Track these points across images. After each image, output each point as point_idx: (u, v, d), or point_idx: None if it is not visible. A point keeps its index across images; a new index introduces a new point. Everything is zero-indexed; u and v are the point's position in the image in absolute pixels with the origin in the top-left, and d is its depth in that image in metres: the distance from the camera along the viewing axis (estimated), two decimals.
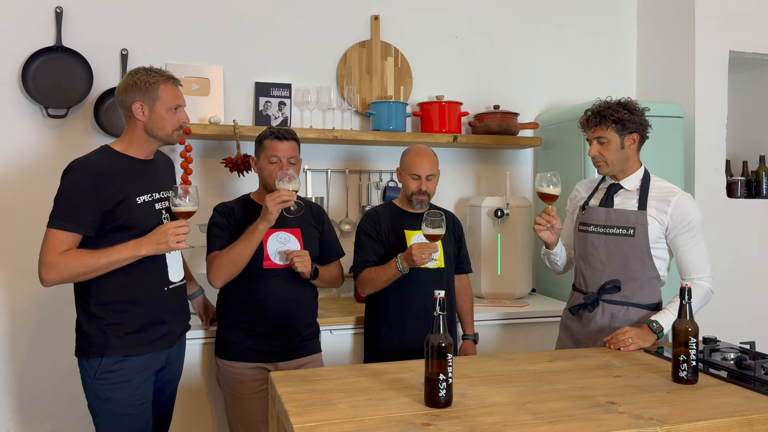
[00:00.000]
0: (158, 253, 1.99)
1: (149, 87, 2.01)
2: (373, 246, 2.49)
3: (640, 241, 2.18)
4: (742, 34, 3.36)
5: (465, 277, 2.71)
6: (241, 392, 2.34)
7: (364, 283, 2.46)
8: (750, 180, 3.58)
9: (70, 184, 1.95)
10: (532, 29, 3.60)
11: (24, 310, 2.86)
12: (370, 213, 2.57)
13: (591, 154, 2.22)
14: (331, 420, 1.47)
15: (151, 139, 2.07)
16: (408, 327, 2.45)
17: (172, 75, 2.09)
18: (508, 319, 2.93)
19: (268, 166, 2.34)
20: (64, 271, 1.90)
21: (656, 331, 2.10)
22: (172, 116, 2.06)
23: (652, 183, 2.24)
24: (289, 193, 2.19)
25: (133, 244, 1.95)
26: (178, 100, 2.08)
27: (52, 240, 1.91)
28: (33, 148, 2.87)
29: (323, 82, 3.25)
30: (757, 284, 3.37)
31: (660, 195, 2.20)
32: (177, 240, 1.96)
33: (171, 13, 3.05)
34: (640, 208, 2.19)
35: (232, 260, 2.26)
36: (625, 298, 2.23)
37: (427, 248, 2.26)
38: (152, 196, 2.07)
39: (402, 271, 2.35)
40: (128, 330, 2.00)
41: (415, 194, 2.48)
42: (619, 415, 1.51)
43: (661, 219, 2.18)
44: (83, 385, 2.03)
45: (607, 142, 2.19)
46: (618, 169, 2.24)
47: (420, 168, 2.47)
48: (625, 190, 2.26)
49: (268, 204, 2.18)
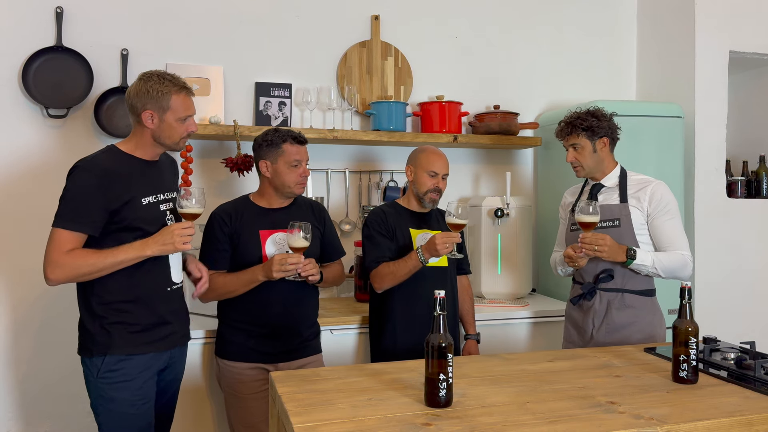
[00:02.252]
0: (164, 253, 1.99)
1: (161, 96, 2.01)
2: (386, 243, 2.49)
3: (626, 230, 2.35)
4: (742, 34, 3.36)
5: (465, 278, 2.72)
6: (242, 392, 2.35)
7: (381, 277, 2.44)
8: (750, 180, 3.58)
9: (77, 183, 1.95)
10: (533, 29, 3.60)
11: (26, 311, 2.86)
12: (376, 211, 2.57)
13: (568, 160, 2.44)
14: (331, 420, 1.47)
15: (158, 144, 2.08)
16: (415, 326, 2.45)
17: (185, 84, 2.07)
18: (508, 319, 2.93)
19: (288, 169, 2.34)
20: (69, 270, 1.91)
21: (629, 255, 2.25)
22: (180, 126, 2.05)
23: (629, 177, 2.44)
24: (296, 260, 2.18)
25: (139, 244, 1.96)
26: (189, 111, 2.07)
27: (58, 239, 1.91)
28: (33, 149, 2.87)
29: (323, 82, 3.25)
30: (757, 284, 3.37)
31: (637, 186, 2.41)
32: (183, 241, 1.97)
33: (171, 13, 3.05)
34: (622, 201, 2.39)
35: (223, 292, 2.32)
36: (619, 285, 2.36)
37: (450, 237, 2.30)
38: (157, 197, 2.07)
39: (423, 262, 2.37)
40: (131, 329, 2.00)
41: (431, 191, 2.50)
42: (619, 415, 1.51)
43: (641, 207, 2.37)
44: (86, 383, 2.03)
45: (581, 148, 2.40)
46: (595, 170, 2.43)
47: (438, 166, 2.50)
48: (606, 187, 2.44)
49: (273, 270, 2.18)
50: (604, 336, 2.36)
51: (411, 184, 2.56)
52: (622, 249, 2.26)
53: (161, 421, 2.20)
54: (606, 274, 2.36)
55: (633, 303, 2.36)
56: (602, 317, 2.37)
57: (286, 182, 2.35)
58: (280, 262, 2.18)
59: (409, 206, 2.58)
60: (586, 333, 2.42)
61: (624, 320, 2.35)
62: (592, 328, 2.39)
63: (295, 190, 2.38)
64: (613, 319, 2.35)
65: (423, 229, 2.54)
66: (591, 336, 2.39)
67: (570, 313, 2.53)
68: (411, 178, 2.56)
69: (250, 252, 2.34)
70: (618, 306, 2.36)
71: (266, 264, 2.23)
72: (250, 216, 2.38)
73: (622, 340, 2.34)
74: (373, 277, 2.47)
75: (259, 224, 2.37)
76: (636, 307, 2.36)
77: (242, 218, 2.37)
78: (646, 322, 2.36)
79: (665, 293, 2.58)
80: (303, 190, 2.41)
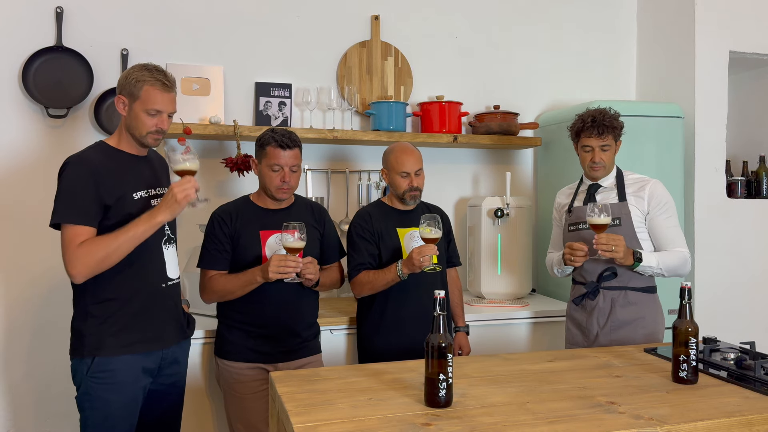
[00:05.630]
0: (173, 215, 1.97)
1: (134, 84, 1.99)
2: (367, 247, 2.48)
3: (627, 229, 2.36)
4: (742, 34, 3.36)
5: (453, 270, 2.71)
6: (242, 392, 2.34)
7: (360, 286, 2.45)
8: (750, 180, 3.58)
9: (71, 179, 1.94)
10: (533, 29, 3.60)
11: (24, 310, 2.86)
12: (360, 213, 2.56)
13: (596, 160, 2.40)
14: (331, 420, 1.47)
15: (130, 136, 2.05)
16: (405, 326, 2.45)
17: (165, 80, 2.01)
18: (508, 319, 2.93)
19: (269, 173, 2.32)
20: (88, 259, 1.88)
21: (636, 258, 2.28)
22: (147, 119, 2.01)
23: (626, 177, 2.47)
24: (294, 263, 2.17)
25: (148, 214, 1.95)
26: (158, 105, 2.00)
27: (68, 235, 1.90)
28: (33, 148, 2.87)
29: (323, 82, 3.25)
30: (757, 284, 3.37)
31: (635, 185, 2.43)
32: (184, 194, 1.95)
33: (171, 13, 3.05)
34: (621, 200, 2.41)
35: (225, 294, 2.32)
36: (622, 283, 2.38)
37: (426, 250, 2.28)
38: (148, 192, 2.06)
39: (401, 276, 2.36)
40: (122, 327, 1.98)
41: (408, 192, 2.49)
42: (619, 415, 1.51)
43: (640, 206, 2.40)
44: (73, 378, 2.01)
45: (609, 149, 2.41)
46: (609, 170, 2.45)
47: (408, 165, 2.47)
48: (604, 187, 2.46)
49: (270, 271, 2.17)
50: (608, 334, 2.37)
51: (389, 186, 2.55)
52: (630, 252, 2.28)
53: (167, 424, 2.19)
54: (610, 272, 2.37)
55: (636, 300, 2.38)
56: (607, 315, 2.38)
57: (267, 185, 2.33)
58: (278, 264, 2.18)
59: (394, 205, 2.57)
60: (590, 333, 2.42)
61: (628, 317, 2.37)
62: (598, 328, 2.39)
63: (276, 194, 2.33)
64: (617, 316, 2.37)
65: (410, 227, 2.52)
66: (596, 335, 2.40)
67: (572, 314, 2.52)
68: (387, 181, 2.54)
69: (251, 252, 2.34)
70: (622, 303, 2.38)
71: (264, 265, 2.23)
72: (250, 216, 2.38)
73: (626, 337, 2.35)
74: (353, 285, 2.48)
75: (260, 224, 2.37)
76: (639, 303, 2.38)
77: (242, 218, 2.37)
78: (650, 319, 2.38)
79: (665, 293, 2.58)
80: (285, 196, 2.35)
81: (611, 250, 2.22)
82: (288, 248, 2.18)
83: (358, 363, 2.60)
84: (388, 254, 2.48)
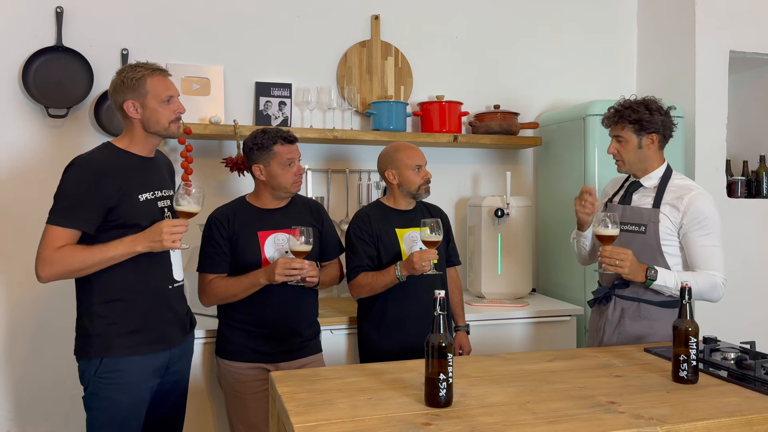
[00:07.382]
0: (153, 250, 1.95)
1: (136, 83, 1.99)
2: (365, 249, 2.47)
3: (651, 238, 2.19)
4: (742, 34, 3.36)
5: (453, 269, 2.71)
6: (242, 392, 2.34)
7: (359, 288, 2.45)
8: (750, 180, 3.58)
9: (72, 180, 1.94)
10: (533, 29, 3.60)
11: (25, 310, 2.86)
12: (359, 214, 2.56)
13: (609, 152, 2.26)
14: (331, 420, 1.47)
15: (150, 135, 2.05)
16: (405, 326, 2.45)
17: (159, 66, 2.04)
18: (508, 319, 2.93)
19: (282, 170, 2.32)
20: (59, 266, 1.89)
21: (648, 276, 2.09)
22: (165, 108, 2.02)
23: (672, 181, 2.24)
24: (300, 265, 2.18)
25: (130, 240, 1.93)
26: (169, 91, 2.03)
27: (50, 236, 1.90)
28: (33, 148, 2.87)
29: (323, 82, 3.25)
30: (757, 284, 3.37)
31: (676, 192, 2.20)
32: (172, 239, 1.92)
33: (171, 12, 3.05)
34: (655, 206, 2.21)
35: (225, 296, 2.32)
36: (635, 294, 2.24)
37: (428, 255, 2.29)
38: (155, 194, 2.06)
39: (400, 279, 2.36)
40: (130, 329, 1.99)
41: (423, 185, 2.51)
42: (619, 415, 1.51)
43: (673, 216, 2.18)
44: (81, 379, 2.01)
45: (624, 141, 2.22)
46: (637, 167, 2.26)
47: (419, 158, 2.51)
48: (644, 187, 2.27)
49: (276, 273, 2.18)
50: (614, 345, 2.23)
51: (397, 186, 2.52)
52: (642, 268, 2.09)
53: (170, 423, 2.19)
54: (622, 280, 2.22)
55: (649, 314, 2.22)
56: (614, 326, 2.26)
57: (282, 183, 2.34)
58: (284, 266, 2.18)
59: (395, 205, 2.56)
60: (596, 338, 2.35)
61: (638, 331, 2.22)
62: (603, 335, 2.30)
63: (292, 189, 2.37)
64: (626, 329, 2.24)
65: (409, 228, 2.52)
66: (600, 342, 2.31)
67: (592, 314, 2.44)
68: (396, 181, 2.51)
69: (250, 253, 2.33)
70: (632, 316, 2.23)
71: (269, 267, 2.23)
72: (247, 217, 2.37)
73: None
74: (351, 286, 2.48)
75: (258, 225, 2.37)
76: (652, 318, 2.21)
77: (240, 220, 2.37)
78: (662, 336, 2.20)
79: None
80: (299, 189, 2.40)
81: (615, 264, 2.06)
82: (295, 251, 2.19)
83: (358, 363, 2.60)
84: (387, 255, 2.48)
